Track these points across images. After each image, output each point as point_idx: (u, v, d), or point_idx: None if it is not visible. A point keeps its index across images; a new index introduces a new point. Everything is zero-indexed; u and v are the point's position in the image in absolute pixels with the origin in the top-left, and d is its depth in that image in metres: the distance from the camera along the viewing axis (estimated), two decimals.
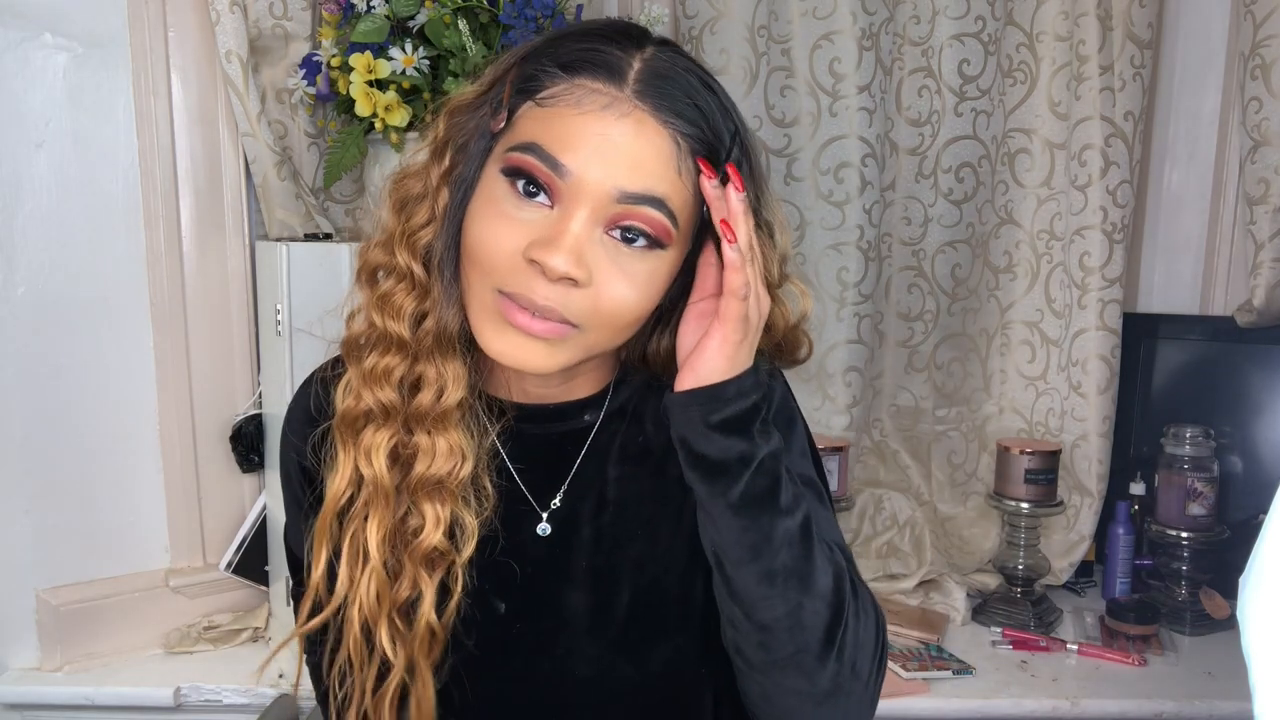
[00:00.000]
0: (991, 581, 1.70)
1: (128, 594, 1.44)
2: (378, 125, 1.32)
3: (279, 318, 1.33)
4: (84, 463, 1.40)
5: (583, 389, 0.82)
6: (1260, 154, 1.60)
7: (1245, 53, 1.61)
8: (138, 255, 1.41)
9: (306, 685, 1.32)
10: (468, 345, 0.75)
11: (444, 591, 0.75)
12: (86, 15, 1.34)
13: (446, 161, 0.72)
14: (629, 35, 0.71)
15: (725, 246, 0.68)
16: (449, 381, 0.73)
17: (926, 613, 1.62)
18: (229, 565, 1.50)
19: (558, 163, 0.66)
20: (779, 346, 0.81)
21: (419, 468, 0.73)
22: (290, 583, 1.37)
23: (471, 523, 0.74)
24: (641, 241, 0.68)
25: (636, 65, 0.68)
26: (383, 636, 0.73)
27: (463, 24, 1.31)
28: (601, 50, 0.68)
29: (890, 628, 1.51)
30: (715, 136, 0.70)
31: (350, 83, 1.30)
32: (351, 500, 0.75)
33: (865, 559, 1.73)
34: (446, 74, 1.32)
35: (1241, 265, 1.72)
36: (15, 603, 1.37)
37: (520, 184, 0.68)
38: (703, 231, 0.74)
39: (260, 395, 1.50)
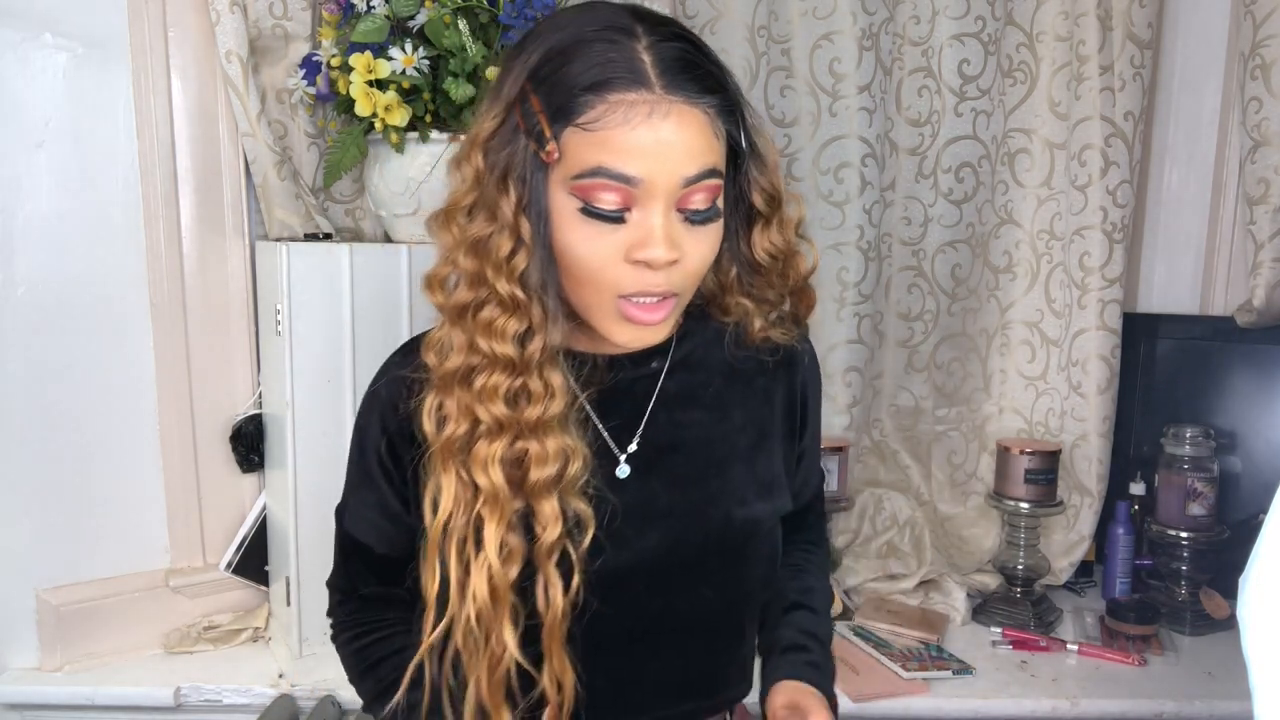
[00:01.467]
0: (991, 581, 1.70)
1: (128, 594, 1.44)
2: (378, 125, 1.32)
3: (279, 318, 1.33)
4: (84, 463, 1.40)
5: None
6: (1260, 154, 1.60)
7: (1245, 53, 1.61)
8: (138, 255, 1.41)
9: (306, 684, 1.34)
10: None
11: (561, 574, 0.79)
12: (86, 15, 1.34)
13: (513, 195, 0.76)
14: (620, 28, 0.74)
15: None
16: (556, 391, 0.79)
17: (926, 613, 1.63)
18: (229, 565, 1.50)
19: (628, 176, 0.72)
20: (802, 293, 0.90)
21: (534, 474, 0.78)
22: (289, 582, 1.38)
23: (587, 512, 0.79)
24: (706, 216, 0.77)
25: (647, 59, 0.73)
26: (505, 628, 0.78)
27: (463, 24, 1.31)
28: (613, 59, 0.72)
29: (890, 628, 1.57)
30: (726, 93, 0.76)
31: (350, 83, 1.31)
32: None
33: (865, 559, 1.73)
34: (446, 74, 1.32)
35: (1241, 265, 1.72)
36: (15, 603, 1.37)
37: (599, 215, 0.74)
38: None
39: (260, 395, 1.50)
